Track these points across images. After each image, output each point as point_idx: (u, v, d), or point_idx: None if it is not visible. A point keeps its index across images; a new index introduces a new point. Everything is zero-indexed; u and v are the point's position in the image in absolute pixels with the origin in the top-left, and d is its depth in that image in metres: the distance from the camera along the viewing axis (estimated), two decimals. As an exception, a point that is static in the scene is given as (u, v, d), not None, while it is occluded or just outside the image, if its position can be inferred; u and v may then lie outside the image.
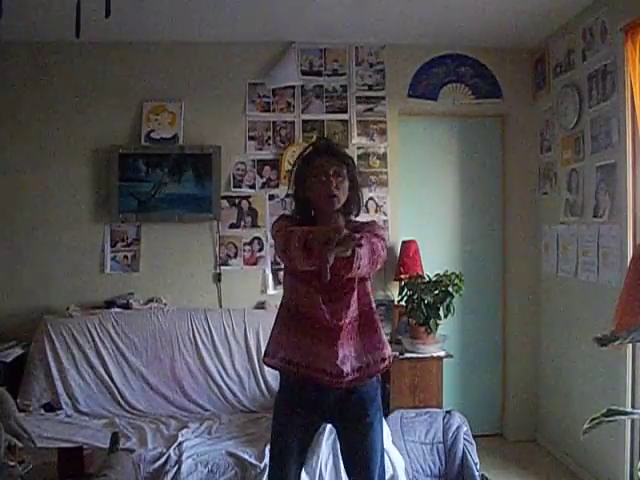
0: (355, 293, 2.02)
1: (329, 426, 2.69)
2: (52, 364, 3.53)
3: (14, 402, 3.05)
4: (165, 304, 3.89)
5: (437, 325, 3.55)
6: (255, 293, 4.05)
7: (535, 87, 4.19)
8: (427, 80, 4.16)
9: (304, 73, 4.10)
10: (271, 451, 2.21)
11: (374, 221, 2.18)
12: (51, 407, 3.48)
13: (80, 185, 3.98)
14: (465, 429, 3.18)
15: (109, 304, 3.84)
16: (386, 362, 2.11)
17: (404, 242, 3.95)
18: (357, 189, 2.12)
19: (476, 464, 3.09)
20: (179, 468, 2.79)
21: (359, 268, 1.82)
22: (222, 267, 4.03)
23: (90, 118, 3.97)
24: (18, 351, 3.58)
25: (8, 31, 3.65)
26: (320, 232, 1.72)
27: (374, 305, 2.12)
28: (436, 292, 3.53)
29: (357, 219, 2.17)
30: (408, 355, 3.59)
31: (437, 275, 3.59)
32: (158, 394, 3.56)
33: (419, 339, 3.60)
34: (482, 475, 3.15)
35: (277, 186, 4.07)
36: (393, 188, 4.13)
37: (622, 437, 3.10)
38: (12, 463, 2.31)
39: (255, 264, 4.06)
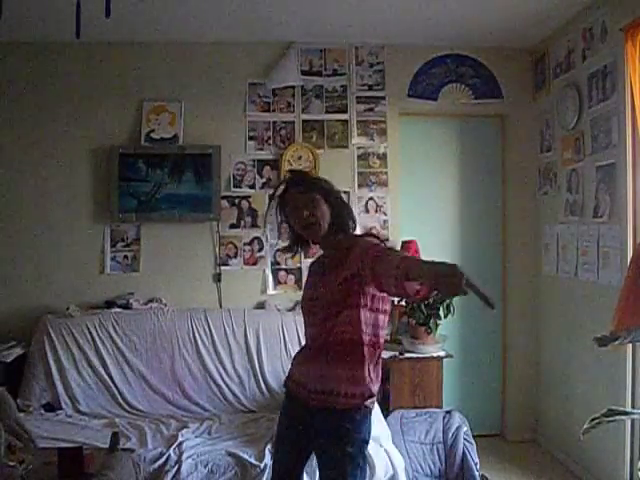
0: (334, 317, 1.99)
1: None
2: (52, 364, 3.53)
3: (14, 402, 3.05)
4: (165, 304, 3.89)
5: (437, 325, 3.55)
6: (255, 293, 4.05)
7: (535, 87, 4.19)
8: (427, 80, 4.16)
9: (304, 73, 4.10)
10: (273, 454, 2.30)
11: (364, 238, 2.09)
12: (51, 407, 3.48)
13: (80, 185, 3.98)
14: (465, 429, 3.17)
15: (109, 304, 3.84)
16: (346, 399, 1.98)
17: (404, 242, 3.95)
18: (340, 207, 2.11)
19: (476, 464, 3.08)
20: (179, 468, 2.78)
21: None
22: (222, 267, 4.03)
23: (90, 118, 3.97)
24: (18, 351, 3.58)
25: (8, 31, 3.65)
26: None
27: (366, 338, 1.98)
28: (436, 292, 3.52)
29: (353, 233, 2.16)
30: (408, 355, 3.58)
31: (437, 275, 3.58)
32: (158, 394, 3.56)
33: (419, 339, 3.60)
34: (482, 475, 3.15)
35: (277, 186, 4.05)
36: (393, 188, 4.13)
37: (622, 437, 3.10)
38: (12, 463, 2.31)
39: (255, 264, 4.06)
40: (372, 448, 2.58)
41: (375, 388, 2.05)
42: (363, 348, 1.99)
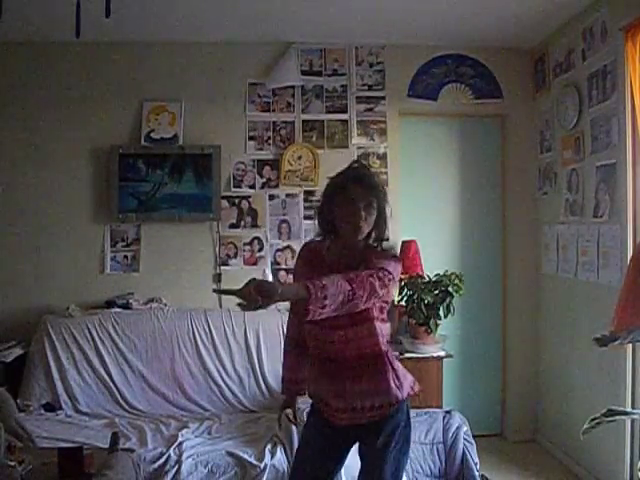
0: (359, 327, 1.97)
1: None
2: (52, 364, 3.53)
3: (14, 402, 3.06)
4: (165, 304, 3.89)
5: (437, 325, 3.55)
6: (255, 293, 4.04)
7: (535, 87, 4.19)
8: (427, 80, 4.16)
9: (304, 73, 4.10)
10: (294, 462, 2.25)
11: (388, 252, 2.09)
12: (51, 407, 3.47)
13: (80, 185, 3.98)
14: (465, 429, 3.17)
15: (109, 304, 3.84)
16: (374, 412, 1.99)
17: (404, 242, 3.95)
18: (384, 221, 2.07)
19: (476, 464, 3.08)
20: (179, 468, 2.78)
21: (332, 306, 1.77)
22: (222, 267, 4.03)
23: (90, 118, 3.97)
24: (18, 351, 3.58)
25: (8, 31, 3.65)
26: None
27: (384, 348, 2.03)
28: (436, 292, 3.52)
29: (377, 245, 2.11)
30: (408, 355, 3.58)
31: (437, 275, 3.59)
32: (158, 394, 3.56)
33: (419, 339, 3.60)
34: (482, 475, 3.15)
35: (277, 186, 4.07)
36: (393, 188, 4.11)
37: (622, 437, 3.10)
38: (12, 463, 2.31)
39: (255, 264, 4.06)
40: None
41: (403, 392, 2.03)
42: (384, 359, 2.02)
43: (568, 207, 3.73)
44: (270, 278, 4.05)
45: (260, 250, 4.07)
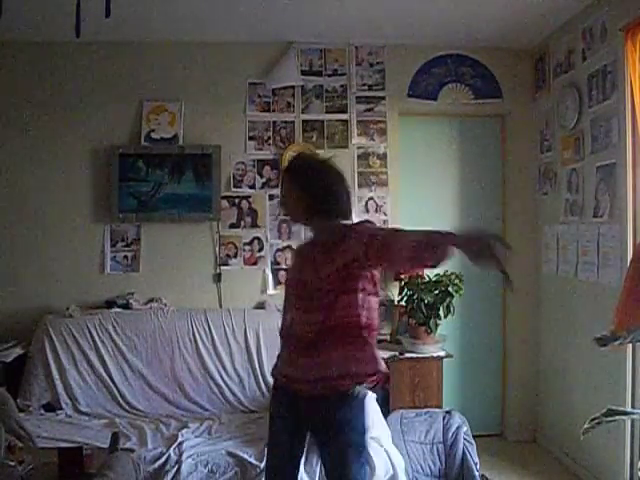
0: (333, 302, 2.00)
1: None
2: (52, 364, 3.53)
3: (14, 402, 3.05)
4: (165, 304, 3.89)
5: (437, 325, 3.55)
6: (255, 293, 4.05)
7: (535, 87, 4.19)
8: (427, 80, 4.16)
9: (304, 73, 4.10)
10: (267, 453, 2.29)
11: (360, 224, 2.09)
12: (51, 407, 3.48)
13: (80, 185, 3.98)
14: (465, 429, 3.17)
15: (109, 304, 3.84)
16: (342, 381, 2.01)
17: (404, 242, 3.95)
18: (324, 195, 2.09)
19: (476, 464, 3.08)
20: (179, 468, 2.78)
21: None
22: (222, 267, 4.03)
23: (90, 118, 3.97)
24: (18, 351, 3.58)
25: (8, 31, 3.66)
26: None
27: (362, 321, 2.04)
28: (436, 292, 3.53)
29: (346, 222, 2.12)
30: (408, 355, 3.59)
31: (437, 275, 3.59)
32: (158, 394, 3.56)
33: (419, 339, 3.60)
34: (482, 475, 3.15)
35: (277, 186, 4.07)
36: (393, 188, 4.13)
37: (622, 437, 3.10)
38: (12, 463, 2.31)
39: (255, 264, 4.06)
40: (372, 448, 2.58)
41: (370, 368, 2.06)
42: (361, 331, 2.04)
43: (568, 207, 3.73)
44: (270, 278, 4.07)
45: (260, 250, 4.07)
